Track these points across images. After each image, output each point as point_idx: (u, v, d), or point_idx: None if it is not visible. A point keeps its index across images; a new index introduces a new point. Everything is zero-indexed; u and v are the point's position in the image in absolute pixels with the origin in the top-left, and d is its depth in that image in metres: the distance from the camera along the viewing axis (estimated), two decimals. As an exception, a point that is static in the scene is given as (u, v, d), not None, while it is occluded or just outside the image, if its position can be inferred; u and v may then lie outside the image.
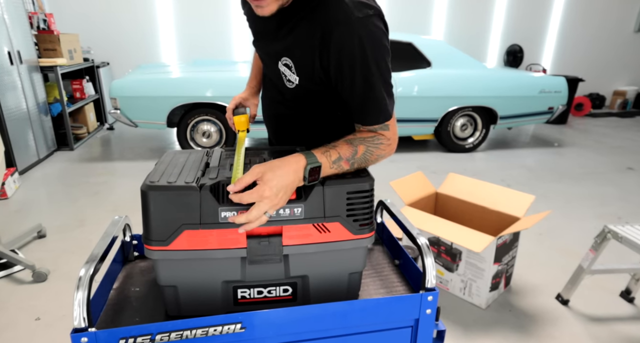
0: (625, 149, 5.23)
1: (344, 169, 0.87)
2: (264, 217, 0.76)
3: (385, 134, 0.95)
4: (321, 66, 0.93)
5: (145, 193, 0.74)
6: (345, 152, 0.88)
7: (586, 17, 7.34)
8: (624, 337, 1.94)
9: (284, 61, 1.00)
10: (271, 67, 1.08)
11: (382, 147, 0.94)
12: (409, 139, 5.17)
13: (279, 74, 1.04)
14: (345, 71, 0.90)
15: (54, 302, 2.10)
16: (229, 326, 0.76)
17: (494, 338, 1.92)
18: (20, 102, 3.93)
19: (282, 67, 1.02)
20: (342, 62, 0.89)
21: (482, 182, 2.45)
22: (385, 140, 0.95)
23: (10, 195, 3.38)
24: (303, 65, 0.97)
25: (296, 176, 0.80)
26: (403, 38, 4.52)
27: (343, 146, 0.89)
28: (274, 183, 0.76)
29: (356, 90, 0.92)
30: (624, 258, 2.53)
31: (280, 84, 1.07)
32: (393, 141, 0.97)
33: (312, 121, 1.13)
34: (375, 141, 0.94)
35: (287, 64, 1.00)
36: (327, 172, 0.84)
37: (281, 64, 1.01)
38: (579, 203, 3.50)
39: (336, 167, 0.86)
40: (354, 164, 0.89)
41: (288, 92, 1.06)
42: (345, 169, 0.87)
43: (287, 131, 1.21)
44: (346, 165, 0.87)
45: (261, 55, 1.14)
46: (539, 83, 4.79)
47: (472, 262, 2.08)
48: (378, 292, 0.92)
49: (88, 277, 0.72)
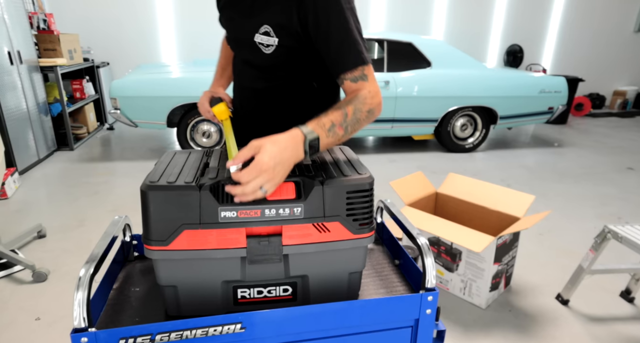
0: (625, 149, 5.23)
1: (339, 135, 0.90)
2: (260, 192, 0.75)
3: (366, 86, 0.99)
4: (299, 20, 1.02)
5: (145, 193, 0.74)
6: (337, 118, 0.90)
7: (586, 17, 7.34)
8: (624, 337, 1.94)
9: (263, 30, 1.08)
10: (246, 46, 1.14)
11: (368, 101, 0.97)
12: (409, 139, 5.17)
13: (256, 48, 1.10)
14: (321, 21, 1.00)
15: (54, 302, 2.10)
16: (229, 326, 0.76)
17: (494, 338, 1.92)
18: (20, 102, 3.93)
19: (260, 37, 1.09)
20: (318, 13, 0.99)
21: (482, 182, 2.45)
22: (368, 93, 0.98)
23: (10, 195, 3.38)
24: (282, 25, 1.05)
25: (295, 151, 0.81)
26: (403, 38, 4.53)
27: (332, 113, 0.91)
28: (273, 155, 0.76)
29: (333, 37, 1.00)
30: (624, 258, 2.53)
31: (257, 57, 1.12)
32: (376, 93, 1.00)
33: (290, 94, 1.19)
34: (360, 98, 0.96)
35: (267, 32, 1.07)
36: (324, 142, 0.87)
37: (259, 35, 1.08)
38: (579, 203, 3.50)
39: (332, 135, 0.89)
40: (348, 127, 0.92)
41: (266, 59, 1.11)
42: (341, 135, 0.91)
43: (265, 108, 1.23)
44: (340, 130, 0.90)
45: (234, 39, 1.22)
46: (539, 83, 4.79)
47: (472, 262, 2.08)
48: (378, 292, 0.92)
49: (88, 277, 0.72)
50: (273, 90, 1.19)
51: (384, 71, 4.46)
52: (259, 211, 0.76)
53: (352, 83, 1.00)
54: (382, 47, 4.53)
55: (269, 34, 1.07)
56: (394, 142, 5.30)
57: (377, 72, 4.45)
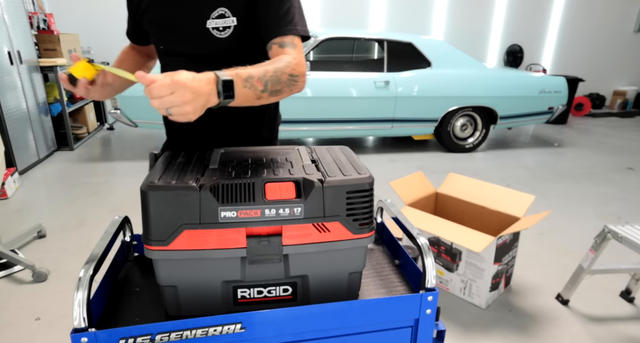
0: (625, 149, 5.23)
1: (258, 88, 0.89)
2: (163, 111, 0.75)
3: (292, 53, 1.00)
4: None
5: (145, 193, 0.74)
6: (256, 72, 0.89)
7: (586, 17, 7.34)
8: (624, 337, 1.94)
9: (218, 12, 1.05)
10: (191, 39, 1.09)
11: (291, 65, 0.96)
12: (409, 139, 5.18)
13: (208, 36, 1.06)
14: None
15: (54, 302, 2.10)
16: (229, 326, 0.76)
17: (494, 338, 1.92)
18: (20, 102, 3.93)
19: (215, 21, 1.05)
20: None
21: (482, 182, 2.45)
22: (292, 58, 0.98)
23: (10, 195, 3.38)
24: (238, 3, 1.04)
25: (209, 87, 0.79)
26: (403, 38, 4.53)
27: (253, 67, 0.90)
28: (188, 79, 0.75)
29: (273, 5, 1.03)
30: (624, 258, 2.53)
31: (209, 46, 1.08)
32: (301, 62, 1.00)
33: None
34: (284, 61, 0.96)
35: (222, 14, 1.05)
36: (241, 92, 0.85)
37: (212, 20, 1.05)
38: (579, 203, 3.50)
39: (249, 85, 0.87)
40: (267, 83, 0.90)
41: (221, 45, 1.07)
42: (260, 89, 0.89)
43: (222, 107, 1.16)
44: (259, 84, 0.89)
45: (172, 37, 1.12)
46: (539, 83, 4.79)
47: (472, 262, 2.08)
48: (378, 292, 0.92)
49: (88, 277, 0.72)
50: None
51: (384, 71, 4.46)
52: (259, 211, 0.76)
53: (279, 48, 1.02)
54: (382, 47, 4.53)
55: (225, 15, 1.05)
56: (394, 142, 5.30)
57: (377, 72, 4.45)
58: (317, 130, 4.47)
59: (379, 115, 4.48)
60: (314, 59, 4.91)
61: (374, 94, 4.38)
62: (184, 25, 1.09)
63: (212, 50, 1.09)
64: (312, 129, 4.46)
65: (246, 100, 0.89)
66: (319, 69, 4.38)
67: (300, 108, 4.30)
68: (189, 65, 1.08)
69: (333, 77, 4.38)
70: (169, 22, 1.11)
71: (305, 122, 4.38)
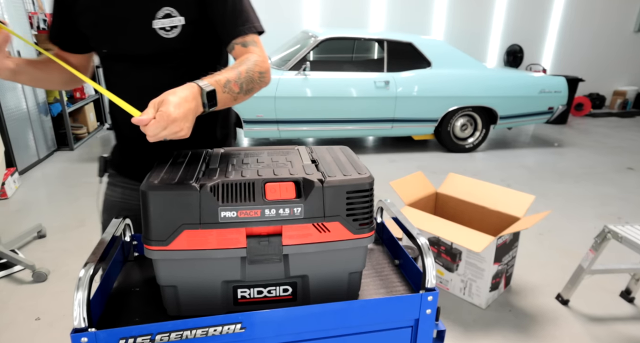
0: (625, 149, 5.23)
1: (235, 91, 0.94)
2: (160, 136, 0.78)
3: (256, 51, 1.05)
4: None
5: (145, 194, 0.74)
6: (231, 75, 0.94)
7: (586, 17, 7.34)
8: (624, 337, 1.94)
9: (163, 12, 1.02)
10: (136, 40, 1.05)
11: (259, 63, 1.02)
12: (409, 139, 5.18)
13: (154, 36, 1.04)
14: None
15: (54, 302, 2.10)
16: (229, 326, 0.76)
17: (494, 338, 1.92)
18: (20, 102, 3.93)
19: (161, 21, 1.03)
20: None
21: (482, 182, 2.45)
22: (257, 56, 1.03)
23: (10, 195, 3.38)
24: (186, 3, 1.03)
25: (195, 102, 0.83)
26: (403, 38, 4.53)
27: (227, 71, 0.95)
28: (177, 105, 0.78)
29: (228, 6, 1.04)
30: (624, 258, 2.53)
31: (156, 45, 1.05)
32: (265, 59, 1.06)
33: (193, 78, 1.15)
34: (252, 60, 1.01)
35: (169, 14, 1.03)
36: (221, 97, 0.90)
37: (158, 20, 1.03)
38: (579, 203, 3.50)
39: (228, 90, 0.92)
40: (242, 84, 0.96)
41: (169, 44, 1.05)
42: (236, 92, 0.95)
43: None
44: (236, 87, 0.94)
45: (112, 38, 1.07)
46: (539, 83, 4.79)
47: (472, 262, 2.08)
48: (378, 292, 0.92)
49: (88, 277, 0.72)
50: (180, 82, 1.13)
51: (384, 71, 4.46)
52: (259, 211, 0.76)
53: (242, 47, 1.05)
54: (382, 47, 4.53)
55: (171, 15, 1.03)
56: (394, 142, 5.30)
57: (377, 72, 4.45)
58: (317, 130, 4.48)
59: (379, 115, 4.48)
60: (314, 59, 4.91)
61: (374, 94, 4.38)
62: (128, 26, 1.05)
63: (159, 50, 1.06)
64: (312, 129, 4.46)
65: (225, 104, 0.93)
66: (319, 69, 4.38)
67: (300, 108, 4.30)
68: (134, 70, 1.09)
69: (333, 77, 4.38)
70: (111, 23, 1.06)
71: (305, 122, 4.38)
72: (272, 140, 5.01)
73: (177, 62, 1.10)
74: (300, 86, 4.24)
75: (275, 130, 4.35)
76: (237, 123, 4.30)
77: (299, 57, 4.26)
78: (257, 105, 4.19)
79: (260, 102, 4.18)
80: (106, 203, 1.30)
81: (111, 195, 1.28)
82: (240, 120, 4.23)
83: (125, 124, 1.08)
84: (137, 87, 1.09)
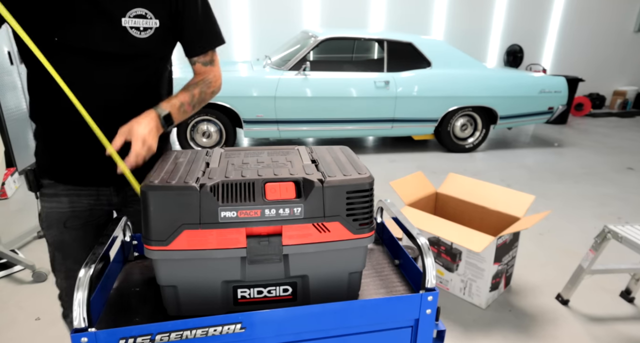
0: (625, 149, 5.23)
1: (188, 111, 1.12)
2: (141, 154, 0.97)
3: (213, 71, 1.19)
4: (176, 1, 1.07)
5: (145, 193, 0.74)
6: (186, 99, 1.10)
7: (586, 17, 7.34)
8: (624, 337, 1.94)
9: (134, 13, 1.03)
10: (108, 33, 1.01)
11: (212, 84, 1.18)
12: (409, 139, 5.18)
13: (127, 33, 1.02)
14: (190, 6, 1.09)
15: (54, 302, 2.10)
16: (229, 326, 0.76)
17: (494, 338, 1.92)
18: (20, 102, 3.93)
19: (133, 21, 1.02)
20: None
21: (482, 182, 2.45)
22: (213, 77, 1.19)
23: (10, 195, 3.38)
24: (161, 7, 1.06)
25: (155, 124, 1.00)
26: (403, 38, 4.53)
27: (183, 94, 1.11)
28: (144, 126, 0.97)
29: (200, 19, 1.12)
30: (624, 258, 2.53)
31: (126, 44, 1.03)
32: (219, 76, 1.22)
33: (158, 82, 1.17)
34: (206, 82, 1.17)
35: (142, 15, 1.04)
36: (177, 117, 1.07)
37: (129, 19, 1.02)
38: (579, 203, 3.50)
39: (182, 111, 1.09)
40: (195, 105, 1.14)
41: (139, 45, 1.04)
42: (190, 111, 1.13)
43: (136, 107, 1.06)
44: (189, 108, 1.12)
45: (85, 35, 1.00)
46: (539, 83, 4.79)
47: (472, 262, 2.08)
48: (378, 292, 0.92)
49: (88, 277, 0.72)
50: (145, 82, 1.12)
51: (384, 71, 4.46)
52: (259, 211, 0.76)
53: (203, 66, 1.18)
54: (382, 47, 4.53)
55: (146, 16, 1.03)
56: (394, 142, 5.30)
57: (377, 72, 4.45)
58: (317, 130, 4.48)
59: (379, 115, 4.48)
60: (314, 59, 4.91)
61: (374, 94, 4.38)
62: (97, 20, 0.99)
63: (127, 49, 1.04)
64: (312, 129, 4.46)
65: (181, 120, 1.11)
66: (319, 69, 4.38)
67: (300, 108, 4.30)
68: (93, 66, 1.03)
69: (333, 77, 4.38)
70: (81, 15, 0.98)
71: (305, 122, 4.38)
72: (272, 140, 5.01)
73: (141, 63, 1.09)
74: (300, 86, 4.24)
75: (275, 130, 4.35)
76: (237, 123, 4.30)
77: (299, 57, 4.26)
78: (257, 105, 4.20)
79: (260, 102, 4.19)
80: (50, 218, 1.18)
81: (57, 208, 1.16)
82: (240, 120, 4.23)
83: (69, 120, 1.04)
84: (96, 85, 1.05)
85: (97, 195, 1.18)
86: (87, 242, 1.20)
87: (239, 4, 6.03)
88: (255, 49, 6.22)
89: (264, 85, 4.18)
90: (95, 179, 1.15)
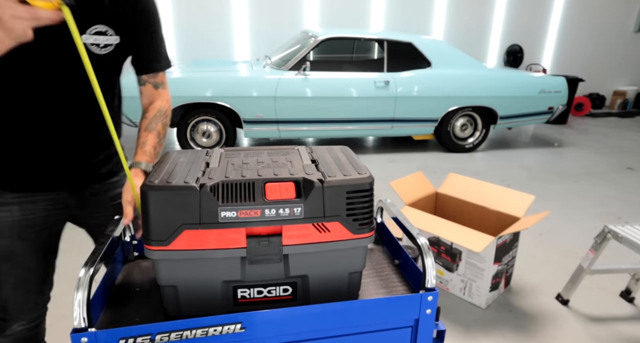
0: (625, 149, 5.23)
1: (159, 151, 1.14)
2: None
3: (163, 95, 1.20)
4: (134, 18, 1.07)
5: (145, 193, 0.74)
6: (154, 141, 1.13)
7: (586, 17, 7.34)
8: (624, 337, 1.94)
9: (95, 29, 1.01)
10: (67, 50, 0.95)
11: (168, 112, 1.20)
12: (409, 139, 5.18)
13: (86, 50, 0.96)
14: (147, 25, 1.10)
15: (54, 302, 2.09)
16: (229, 326, 0.76)
17: (494, 338, 1.92)
18: (20, 102, 3.92)
19: (93, 38, 1.01)
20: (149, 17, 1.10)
21: (482, 182, 2.46)
22: (166, 102, 1.20)
23: None
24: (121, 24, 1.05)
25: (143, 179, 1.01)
26: (403, 38, 4.53)
27: (150, 138, 1.13)
28: None
29: (155, 41, 1.14)
30: (624, 258, 2.53)
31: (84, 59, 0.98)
32: (169, 100, 1.23)
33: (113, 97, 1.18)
34: (162, 111, 1.18)
35: (102, 32, 1.02)
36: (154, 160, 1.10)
37: (89, 36, 1.00)
38: (578, 203, 3.50)
39: (156, 154, 1.12)
40: (162, 140, 1.16)
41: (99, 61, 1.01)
42: (160, 149, 1.15)
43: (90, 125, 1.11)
44: (159, 147, 1.15)
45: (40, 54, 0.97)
46: (539, 83, 4.79)
47: (472, 262, 2.08)
48: (378, 292, 0.92)
49: (88, 277, 0.72)
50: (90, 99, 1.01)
51: (384, 71, 4.46)
52: (259, 211, 0.76)
53: (154, 89, 1.19)
54: (382, 47, 4.53)
55: (107, 33, 1.02)
56: (394, 142, 5.30)
57: (377, 72, 4.45)
58: (317, 130, 4.48)
59: (379, 115, 4.48)
60: (314, 59, 4.91)
61: (374, 94, 4.38)
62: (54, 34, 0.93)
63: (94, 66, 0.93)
64: (312, 129, 4.46)
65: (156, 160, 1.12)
66: (319, 69, 4.38)
67: (300, 108, 4.30)
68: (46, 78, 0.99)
69: (333, 77, 4.38)
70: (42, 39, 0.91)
71: (305, 122, 4.38)
72: (272, 140, 5.01)
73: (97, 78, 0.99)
74: (300, 86, 4.24)
75: (275, 130, 4.35)
76: (237, 123, 4.30)
77: (299, 57, 4.26)
78: (257, 105, 4.20)
79: (260, 102, 4.19)
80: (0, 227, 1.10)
81: (7, 217, 1.09)
82: (240, 120, 4.23)
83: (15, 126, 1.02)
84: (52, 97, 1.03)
85: (53, 199, 1.14)
86: (39, 246, 1.15)
87: (239, 4, 6.03)
88: (255, 49, 6.22)
89: (264, 85, 4.18)
90: (48, 184, 1.12)
